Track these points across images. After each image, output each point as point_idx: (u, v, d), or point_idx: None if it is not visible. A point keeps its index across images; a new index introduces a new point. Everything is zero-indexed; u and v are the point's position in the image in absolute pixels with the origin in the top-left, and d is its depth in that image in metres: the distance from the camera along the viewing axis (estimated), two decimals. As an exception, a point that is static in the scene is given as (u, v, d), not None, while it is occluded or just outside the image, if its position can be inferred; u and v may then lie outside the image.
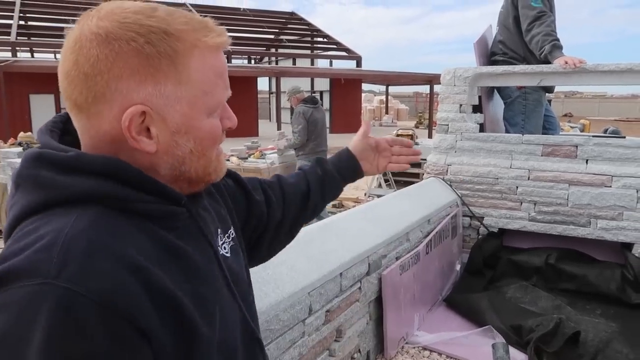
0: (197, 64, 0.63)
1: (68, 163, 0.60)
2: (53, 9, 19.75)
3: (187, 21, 0.64)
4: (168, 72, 0.62)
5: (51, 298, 0.50)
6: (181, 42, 0.62)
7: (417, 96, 38.44)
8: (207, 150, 0.68)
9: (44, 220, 0.58)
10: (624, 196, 2.96)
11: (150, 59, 0.61)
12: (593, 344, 2.48)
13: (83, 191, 0.59)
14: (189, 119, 0.64)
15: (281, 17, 26.11)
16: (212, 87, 0.66)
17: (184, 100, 0.63)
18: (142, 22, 0.61)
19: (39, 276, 0.51)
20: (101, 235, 0.57)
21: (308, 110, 5.33)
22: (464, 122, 3.45)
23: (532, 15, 3.32)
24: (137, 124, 0.62)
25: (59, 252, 0.53)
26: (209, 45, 0.65)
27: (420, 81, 23.26)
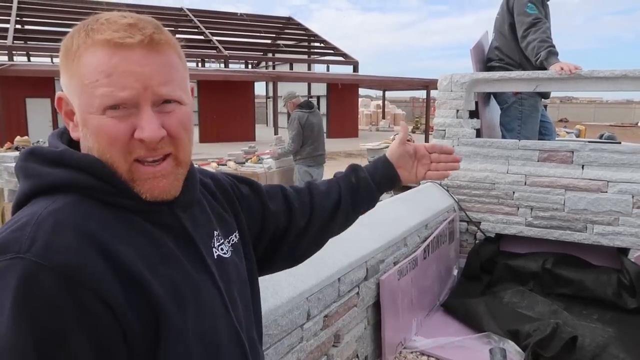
0: (86, 59, 0.66)
1: (53, 157, 0.68)
2: (50, 13, 19.75)
3: (103, 22, 0.67)
4: (68, 64, 0.68)
5: (20, 270, 0.57)
6: (89, 38, 0.67)
7: (413, 101, 38.56)
8: (105, 150, 0.67)
9: (29, 206, 0.66)
10: (620, 201, 2.98)
11: (63, 52, 0.69)
12: (590, 348, 2.49)
13: (61, 180, 0.66)
14: (82, 111, 0.68)
15: (278, 22, 26.18)
16: (93, 83, 0.65)
17: (75, 92, 0.68)
18: (84, 22, 0.69)
19: (11, 252, 0.58)
20: (70, 215, 0.63)
21: (304, 115, 5.35)
22: (460, 127, 3.47)
23: (528, 21, 3.35)
24: (67, 109, 0.72)
25: (31, 230, 0.60)
26: (95, 41, 0.66)
27: (416, 86, 23.35)
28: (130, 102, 0.65)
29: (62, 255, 0.59)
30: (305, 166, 5.45)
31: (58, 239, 0.60)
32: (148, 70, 0.66)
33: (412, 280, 2.59)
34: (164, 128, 0.67)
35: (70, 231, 0.61)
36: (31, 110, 15.63)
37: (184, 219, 0.75)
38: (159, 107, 0.68)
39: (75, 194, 0.66)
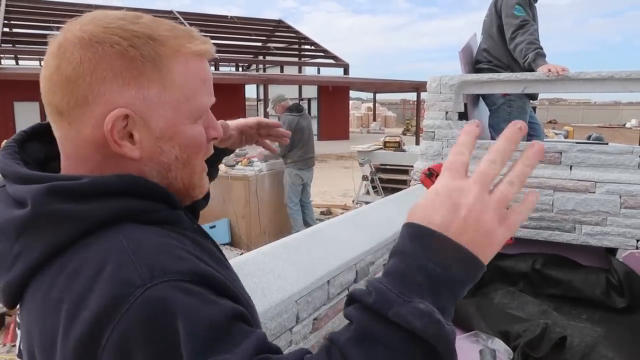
0: (180, 68, 0.63)
1: (85, 190, 0.58)
2: (38, 16, 19.60)
3: (171, 28, 0.64)
4: (151, 75, 0.61)
5: (160, 294, 0.51)
6: (165, 47, 0.62)
7: (404, 103, 38.74)
8: (192, 159, 0.67)
9: (82, 253, 0.55)
10: (608, 202, 3.00)
11: (133, 61, 0.60)
12: (579, 348, 2.50)
13: (108, 213, 0.57)
14: (173, 124, 0.63)
15: (268, 24, 26.19)
16: (195, 92, 0.65)
17: (167, 105, 0.62)
18: (126, 27, 0.61)
19: (137, 289, 0.51)
20: (153, 237, 0.58)
21: (294, 119, 5.35)
22: (450, 129, 3.48)
23: (516, 24, 3.38)
24: (120, 128, 0.60)
25: (136, 260, 0.53)
26: (192, 51, 0.64)
27: (407, 88, 23.45)
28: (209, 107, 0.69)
29: (187, 265, 0.55)
30: (296, 169, 5.45)
31: (170, 255, 0.55)
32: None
33: (402, 282, 2.59)
34: None
35: (168, 247, 0.57)
36: (19, 114, 15.48)
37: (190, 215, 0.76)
38: None
39: (125, 222, 0.58)
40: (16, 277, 0.57)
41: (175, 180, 0.67)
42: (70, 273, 0.54)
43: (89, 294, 0.52)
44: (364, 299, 0.51)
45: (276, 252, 1.83)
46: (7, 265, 0.58)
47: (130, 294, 0.50)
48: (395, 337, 0.49)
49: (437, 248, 0.52)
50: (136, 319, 0.50)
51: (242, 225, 5.40)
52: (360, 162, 6.56)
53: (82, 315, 0.51)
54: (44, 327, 0.55)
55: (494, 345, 2.57)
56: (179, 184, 0.67)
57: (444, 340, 0.48)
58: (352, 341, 0.50)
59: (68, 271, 0.54)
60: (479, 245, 0.54)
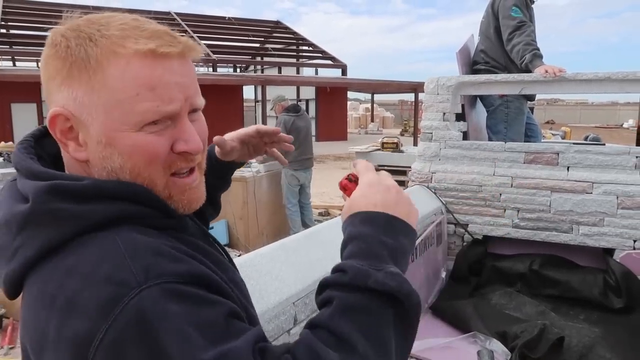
0: (115, 71, 0.59)
1: (85, 192, 0.59)
2: (35, 17, 19.56)
3: (125, 28, 0.61)
4: (79, 76, 0.60)
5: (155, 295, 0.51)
6: (98, 47, 0.60)
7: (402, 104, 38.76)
8: (142, 170, 0.62)
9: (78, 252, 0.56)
10: (605, 202, 3.01)
11: (64, 62, 0.60)
12: (577, 349, 2.51)
13: (106, 216, 0.59)
14: (109, 129, 0.60)
15: (266, 26, 26.19)
16: (132, 97, 0.59)
17: (99, 108, 0.60)
18: (80, 27, 0.62)
19: (130, 290, 0.51)
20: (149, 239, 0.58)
21: (290, 119, 5.35)
22: (447, 130, 3.48)
23: (513, 25, 3.38)
24: (64, 128, 0.62)
25: (131, 262, 0.54)
26: (132, 51, 0.60)
27: (405, 89, 23.46)
28: (174, 115, 0.62)
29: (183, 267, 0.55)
30: (291, 170, 5.44)
31: (166, 257, 0.56)
32: (186, 81, 0.63)
33: (400, 283, 2.59)
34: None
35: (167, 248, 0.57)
36: (17, 116, 15.44)
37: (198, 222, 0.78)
38: (189, 116, 0.65)
39: (123, 225, 0.59)
40: (15, 269, 0.59)
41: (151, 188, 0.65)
42: (66, 270, 0.55)
43: (83, 293, 0.52)
44: (340, 280, 0.60)
45: (274, 254, 1.82)
46: (7, 257, 0.60)
47: (125, 294, 0.51)
48: (374, 302, 0.58)
49: (386, 225, 0.65)
50: (130, 319, 0.50)
51: (240, 227, 5.39)
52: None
53: (76, 313, 0.52)
54: (37, 321, 0.56)
55: (492, 346, 2.58)
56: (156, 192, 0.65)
57: (414, 297, 0.59)
58: (336, 316, 0.57)
59: (64, 268, 0.55)
60: (408, 215, 0.69)
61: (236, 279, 0.72)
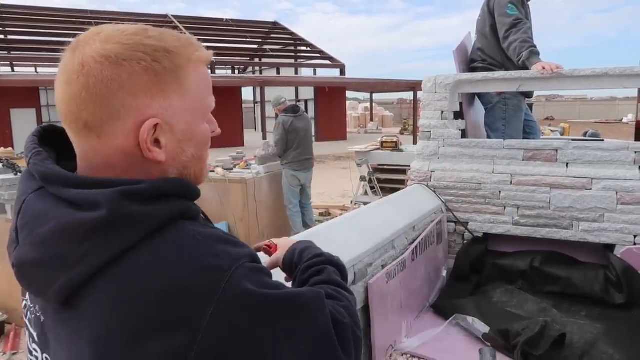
0: (193, 75, 0.70)
1: (150, 193, 0.64)
2: (33, 23, 19.58)
3: (177, 39, 0.70)
4: (173, 85, 0.67)
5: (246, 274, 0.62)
6: (179, 57, 0.68)
7: (401, 103, 38.76)
8: (204, 153, 0.75)
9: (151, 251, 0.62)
10: (605, 198, 3.01)
11: (158, 75, 0.66)
12: (579, 345, 2.51)
13: (168, 214, 0.65)
14: (191, 126, 0.71)
15: (264, 27, 26.18)
16: (205, 95, 0.73)
17: (187, 110, 0.70)
18: (144, 42, 0.66)
19: (224, 272, 0.61)
20: (209, 230, 0.67)
21: (288, 119, 5.35)
22: (446, 128, 3.48)
23: (509, 22, 3.38)
24: (150, 136, 0.66)
25: (213, 250, 0.63)
26: (199, 58, 0.71)
27: (404, 88, 23.46)
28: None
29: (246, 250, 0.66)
30: (291, 170, 5.45)
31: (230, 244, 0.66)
32: None
33: (400, 282, 2.59)
34: None
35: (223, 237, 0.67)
36: (16, 121, 15.46)
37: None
38: None
39: (179, 221, 0.66)
40: (81, 275, 0.60)
41: (189, 175, 0.73)
42: (149, 266, 0.60)
43: (179, 281, 0.59)
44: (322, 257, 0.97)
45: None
46: (68, 265, 0.61)
47: (221, 278, 0.60)
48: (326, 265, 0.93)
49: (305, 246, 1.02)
50: (232, 298, 0.59)
51: (240, 228, 5.39)
52: (358, 163, 6.56)
53: (177, 298, 0.58)
54: (120, 320, 0.59)
55: (475, 325, 2.63)
56: (192, 176, 0.74)
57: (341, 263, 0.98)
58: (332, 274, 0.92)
59: (146, 264, 0.60)
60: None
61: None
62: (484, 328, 2.64)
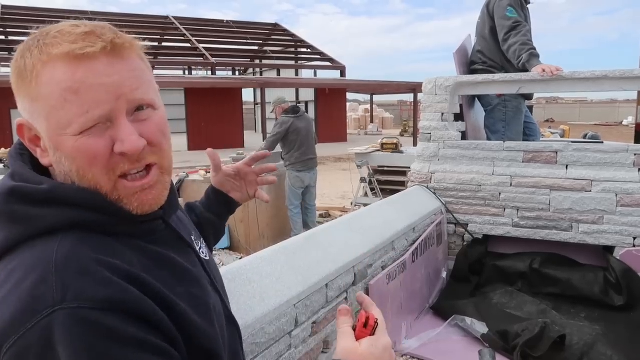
0: (46, 78, 0.60)
1: (41, 196, 0.61)
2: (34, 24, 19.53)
3: (56, 35, 0.61)
4: (23, 87, 0.63)
5: (65, 322, 0.52)
6: (33, 57, 0.61)
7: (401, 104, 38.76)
8: (86, 172, 0.62)
9: (23, 255, 0.58)
10: (604, 200, 3.01)
11: (14, 75, 0.63)
12: (578, 347, 2.51)
13: (60, 221, 0.60)
14: (52, 135, 0.62)
15: (265, 28, 26.20)
16: (60, 102, 0.60)
17: (41, 117, 0.62)
18: (29, 39, 0.64)
19: (46, 307, 0.52)
20: (88, 253, 0.58)
21: (288, 120, 5.36)
22: (446, 130, 3.49)
23: (508, 25, 3.40)
24: (30, 136, 0.65)
25: (55, 279, 0.54)
26: (55, 55, 0.60)
27: (404, 90, 23.46)
28: (106, 117, 0.61)
29: (103, 291, 0.54)
30: (295, 171, 5.44)
31: (90, 278, 0.55)
32: (117, 79, 0.61)
33: (401, 283, 2.60)
34: (142, 137, 0.63)
35: (97, 267, 0.56)
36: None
37: (177, 228, 0.76)
38: (133, 115, 0.64)
39: (75, 231, 0.60)
40: None
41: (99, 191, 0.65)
42: (8, 272, 0.57)
43: (8, 299, 0.54)
44: None
45: (274, 257, 1.83)
46: None
47: (39, 312, 0.52)
48: None
49: None
50: (36, 338, 0.51)
51: (240, 229, 5.40)
52: (358, 164, 6.57)
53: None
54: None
55: (474, 326, 2.64)
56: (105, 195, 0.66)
57: None
58: None
59: (8, 269, 0.57)
60: None
61: (195, 293, 0.70)
62: (482, 329, 2.65)
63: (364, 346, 0.70)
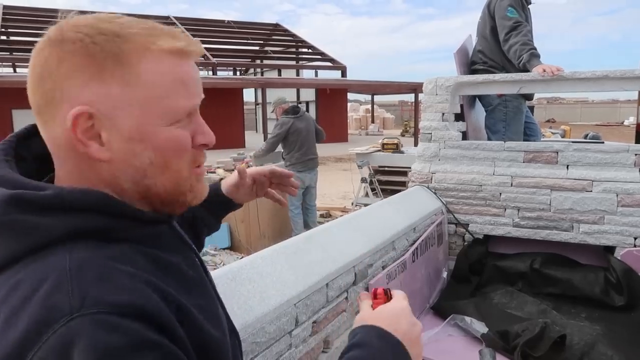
0: (150, 66, 0.60)
1: (46, 202, 0.57)
2: (35, 24, 19.62)
3: (148, 27, 0.62)
4: (114, 72, 0.59)
5: (85, 327, 0.49)
6: (130, 43, 0.60)
7: (402, 105, 38.78)
8: (172, 163, 0.63)
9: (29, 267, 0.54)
10: (605, 200, 3.01)
11: (94, 57, 0.58)
12: (578, 347, 2.51)
13: (66, 229, 0.56)
14: (143, 125, 0.60)
15: (266, 28, 26.23)
16: (169, 92, 0.61)
17: (135, 103, 0.60)
18: (96, 25, 0.60)
19: (62, 316, 0.49)
20: (103, 259, 0.55)
21: (289, 121, 5.37)
22: (446, 130, 3.49)
23: (509, 25, 3.40)
24: (86, 127, 0.58)
25: (71, 286, 0.51)
26: (164, 49, 0.61)
27: (405, 90, 23.48)
28: (195, 110, 0.66)
29: (124, 297, 0.52)
30: (295, 172, 5.45)
31: (110, 284, 0.52)
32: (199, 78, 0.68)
33: (401, 283, 2.60)
34: None
35: (115, 273, 0.54)
36: (18, 122, 15.49)
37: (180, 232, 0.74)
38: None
39: (84, 239, 0.57)
40: None
41: (155, 186, 0.64)
42: (12, 285, 0.53)
43: (21, 312, 0.50)
44: None
45: (274, 256, 1.84)
46: None
47: (56, 321, 0.49)
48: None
49: (396, 352, 0.69)
50: (54, 348, 0.48)
51: (241, 229, 5.41)
52: (359, 165, 6.57)
53: (10, 333, 0.50)
54: None
55: (473, 325, 2.65)
56: (160, 189, 0.64)
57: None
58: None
59: (12, 283, 0.53)
60: (417, 357, 0.71)
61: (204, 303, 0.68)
62: (482, 328, 2.65)
63: (378, 310, 0.74)
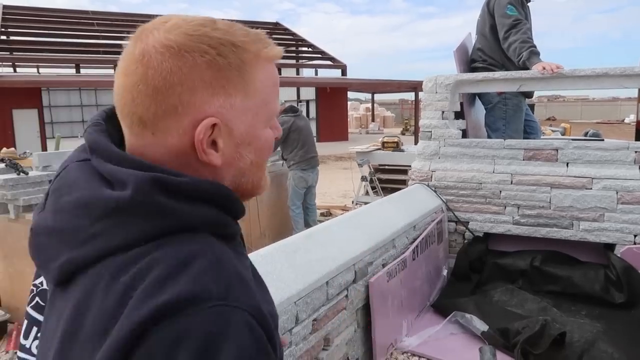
0: (260, 74, 0.63)
1: (185, 190, 0.57)
2: (35, 23, 19.62)
3: (246, 33, 0.64)
4: (237, 83, 0.61)
5: (234, 320, 0.51)
6: (247, 54, 0.62)
7: (402, 103, 38.74)
8: (265, 161, 0.69)
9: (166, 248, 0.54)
10: (605, 198, 3.01)
11: (222, 71, 0.60)
12: (579, 344, 2.51)
13: (199, 218, 0.58)
14: (253, 130, 0.64)
15: (265, 27, 26.18)
16: (271, 97, 0.66)
17: (249, 112, 0.63)
18: (210, 34, 0.60)
19: (211, 299, 0.51)
20: (232, 260, 0.57)
21: (289, 119, 5.36)
22: (446, 128, 3.49)
23: (508, 23, 3.40)
24: (207, 137, 0.60)
25: (217, 275, 0.53)
26: (268, 56, 0.64)
27: (405, 88, 23.46)
28: None
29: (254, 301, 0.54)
30: (299, 171, 5.42)
31: (243, 285, 0.55)
32: None
33: (401, 281, 2.61)
34: None
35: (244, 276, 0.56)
36: (18, 122, 15.48)
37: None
38: None
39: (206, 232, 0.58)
40: (88, 255, 0.56)
41: (247, 182, 0.67)
42: (148, 262, 0.53)
43: (169, 281, 0.51)
44: None
45: (274, 254, 1.84)
46: (75, 243, 0.56)
47: (208, 299, 0.50)
48: None
49: None
50: (202, 325, 0.49)
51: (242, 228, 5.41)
52: (359, 163, 6.57)
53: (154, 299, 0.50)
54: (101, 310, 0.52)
55: (474, 322, 2.65)
56: (249, 185, 0.67)
57: None
58: None
59: (147, 260, 0.53)
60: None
61: (265, 292, 0.70)
62: (482, 325, 2.65)
63: None
